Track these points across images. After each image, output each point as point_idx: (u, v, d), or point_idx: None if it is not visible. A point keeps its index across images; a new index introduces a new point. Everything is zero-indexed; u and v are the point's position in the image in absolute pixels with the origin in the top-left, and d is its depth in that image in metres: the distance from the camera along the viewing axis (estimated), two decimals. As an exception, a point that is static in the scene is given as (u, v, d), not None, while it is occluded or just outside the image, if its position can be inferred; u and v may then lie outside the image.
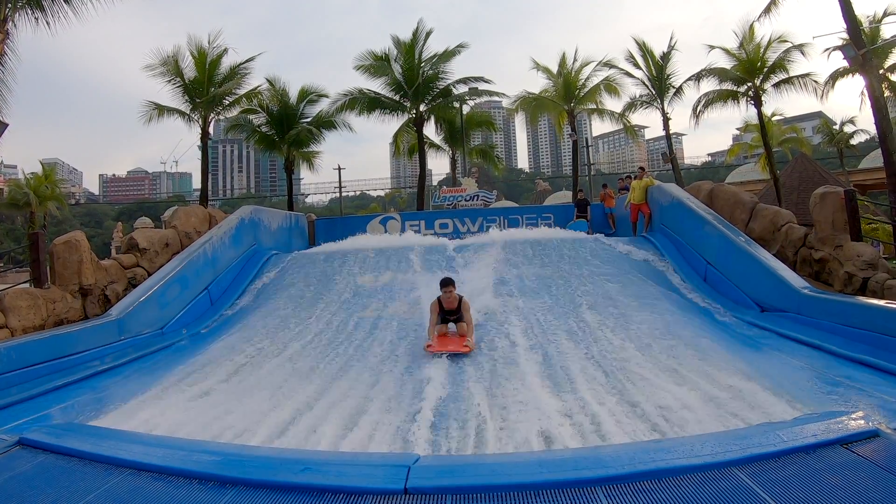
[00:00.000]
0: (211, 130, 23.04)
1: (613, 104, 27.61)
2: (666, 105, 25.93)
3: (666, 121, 26.12)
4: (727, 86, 24.23)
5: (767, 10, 16.61)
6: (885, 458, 2.85)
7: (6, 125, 11.02)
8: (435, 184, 66.66)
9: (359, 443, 4.57)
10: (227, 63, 22.64)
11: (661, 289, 10.14)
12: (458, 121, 27.25)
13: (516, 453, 4.14)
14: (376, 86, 25.51)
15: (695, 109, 25.04)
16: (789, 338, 7.11)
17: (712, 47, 24.27)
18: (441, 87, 25.61)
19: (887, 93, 23.66)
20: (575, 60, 27.13)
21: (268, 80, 24.17)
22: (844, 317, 6.97)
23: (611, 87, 26.61)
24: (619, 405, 5.14)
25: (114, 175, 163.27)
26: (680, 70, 25.87)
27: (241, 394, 5.99)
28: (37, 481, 3.12)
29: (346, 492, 2.77)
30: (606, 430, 4.59)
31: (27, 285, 8.97)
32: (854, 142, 41.25)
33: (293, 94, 24.71)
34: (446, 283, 7.71)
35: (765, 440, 3.08)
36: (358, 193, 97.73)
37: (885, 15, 24.53)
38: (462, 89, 25.89)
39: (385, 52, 25.24)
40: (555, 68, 27.66)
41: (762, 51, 22.80)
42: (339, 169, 46.38)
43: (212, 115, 22.75)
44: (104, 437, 3.98)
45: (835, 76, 26.02)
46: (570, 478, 2.83)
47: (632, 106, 27.03)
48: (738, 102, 24.12)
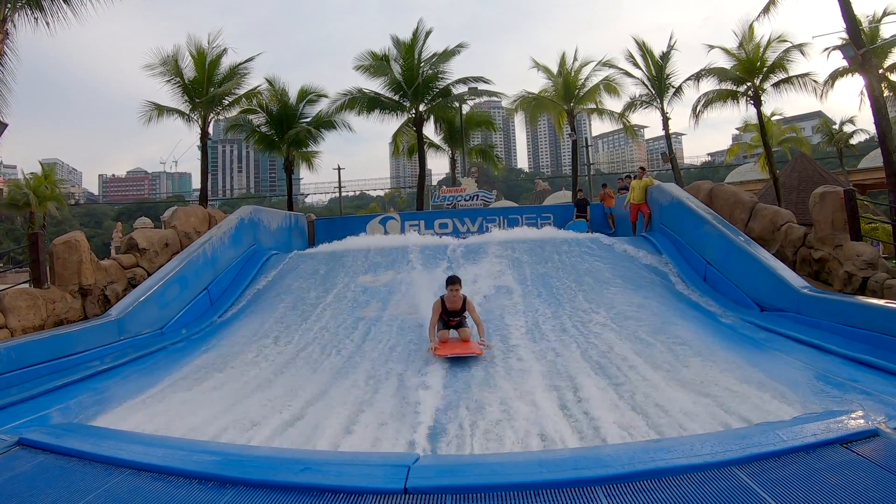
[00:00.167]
0: (210, 130, 23.03)
1: (613, 104, 27.65)
2: (665, 105, 25.94)
3: (665, 120, 26.12)
4: (727, 85, 24.23)
5: (766, 10, 16.63)
6: (885, 458, 2.85)
7: (6, 125, 11.02)
8: (434, 184, 66.72)
9: (358, 443, 4.56)
10: (226, 63, 22.68)
11: (661, 288, 10.14)
12: (457, 121, 27.23)
13: (516, 453, 4.14)
14: (376, 86, 25.57)
15: (694, 109, 25.06)
16: (789, 337, 7.10)
17: (712, 47, 24.30)
18: (440, 86, 25.61)
19: (887, 92, 23.65)
20: (575, 60, 27.16)
21: (267, 80, 24.20)
22: (844, 316, 6.97)
23: (610, 86, 26.59)
24: (618, 404, 5.13)
25: (113, 175, 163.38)
26: (679, 70, 25.90)
27: (242, 394, 5.99)
28: (36, 481, 3.12)
29: (346, 491, 2.77)
30: (605, 427, 4.60)
31: (27, 285, 8.96)
32: (853, 141, 41.26)
33: (293, 94, 24.75)
34: (452, 281, 7.38)
35: (764, 440, 3.08)
36: (357, 193, 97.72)
37: (885, 14, 24.56)
38: (461, 89, 25.93)
39: (385, 52, 25.26)
40: (554, 68, 27.66)
41: (762, 50, 22.80)
42: (339, 169, 46.31)
43: (211, 115, 22.74)
44: (104, 437, 3.98)
45: (834, 76, 26.02)
46: (569, 477, 2.83)
47: (631, 106, 27.03)
48: (738, 102, 24.14)
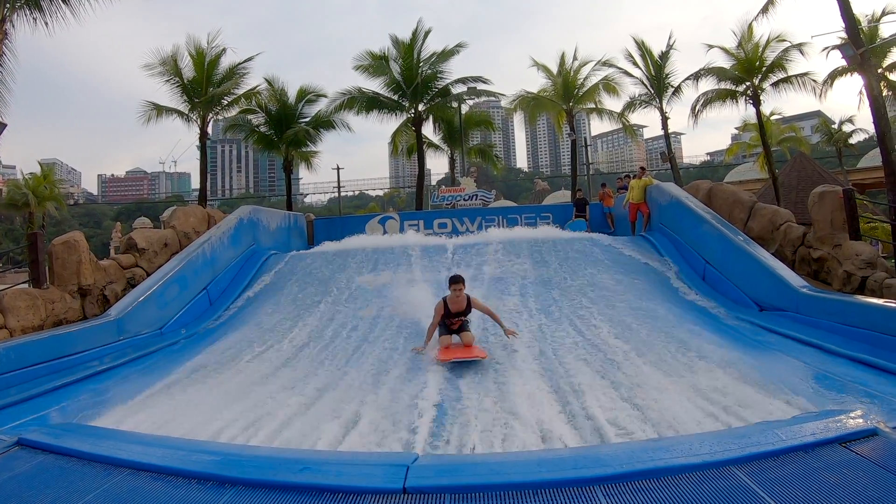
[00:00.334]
0: (210, 130, 22.99)
1: (612, 103, 27.62)
2: (665, 104, 25.89)
3: (665, 120, 26.09)
4: (726, 85, 24.22)
5: (765, 10, 16.60)
6: (884, 457, 2.85)
7: (5, 125, 11.02)
8: (434, 183, 66.70)
9: (357, 443, 4.56)
10: (225, 63, 22.63)
11: (660, 288, 10.15)
12: (456, 120, 27.22)
13: (515, 452, 4.14)
14: (375, 85, 25.60)
15: (693, 109, 25.04)
16: (788, 337, 7.11)
17: (711, 46, 24.27)
18: (440, 86, 25.63)
19: (886, 92, 23.67)
20: (574, 59, 27.13)
21: (266, 80, 24.16)
22: (843, 316, 6.98)
23: (609, 86, 26.56)
24: (617, 404, 5.13)
25: (112, 175, 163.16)
26: (679, 69, 25.83)
27: (241, 394, 5.98)
28: (36, 481, 3.12)
29: (345, 491, 2.77)
30: (603, 426, 4.60)
31: (26, 286, 8.96)
32: (853, 141, 41.32)
33: (292, 94, 24.74)
34: (455, 281, 7.09)
35: (763, 439, 3.08)
36: (357, 193, 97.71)
37: (884, 14, 24.57)
38: (461, 89, 25.94)
39: (384, 52, 25.26)
40: (554, 68, 27.64)
41: (761, 50, 22.78)
42: (338, 169, 46.29)
43: (210, 115, 22.70)
44: (103, 437, 3.98)
45: (833, 75, 26.01)
46: (568, 477, 2.83)
47: (631, 105, 26.99)
48: (737, 102, 24.11)
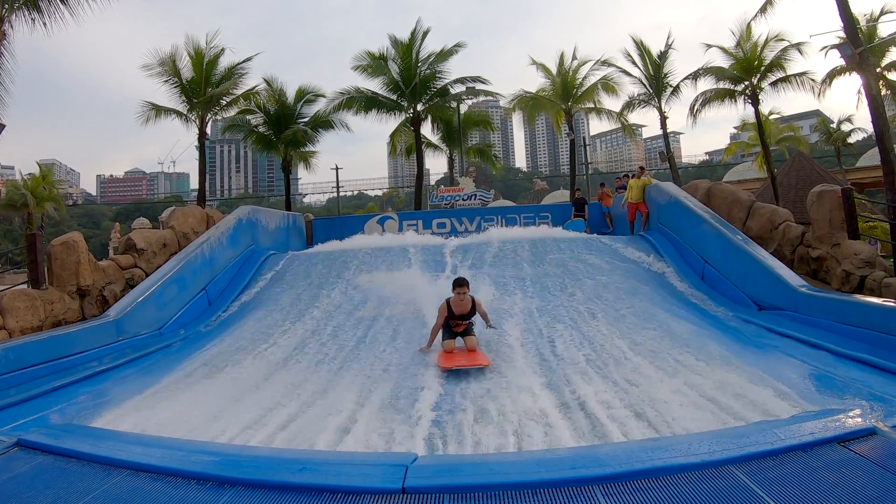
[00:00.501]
0: (208, 130, 22.97)
1: (611, 103, 27.59)
2: (663, 104, 25.86)
3: (663, 120, 26.04)
4: (724, 84, 24.21)
5: (763, 10, 16.58)
6: (883, 456, 2.86)
7: (3, 126, 11.01)
8: (433, 183, 66.67)
9: (356, 442, 4.56)
10: (224, 63, 22.56)
11: (659, 288, 10.15)
12: (455, 120, 27.22)
13: (514, 452, 4.14)
14: (374, 86, 25.56)
15: (692, 108, 25.03)
16: (787, 336, 7.12)
17: (709, 46, 24.25)
18: (438, 86, 25.61)
19: (884, 91, 23.69)
20: (574, 59, 27.11)
21: (265, 80, 24.08)
22: (842, 315, 6.99)
23: (608, 86, 26.52)
24: (615, 403, 5.14)
25: (111, 175, 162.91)
26: (677, 69, 25.79)
27: (240, 395, 5.99)
28: (35, 482, 3.12)
29: (345, 491, 2.78)
30: (602, 425, 4.61)
31: (25, 286, 8.95)
32: (851, 140, 41.30)
33: (290, 94, 24.66)
34: (460, 283, 6.99)
35: (762, 438, 3.09)
36: (355, 193, 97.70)
37: (882, 13, 24.59)
38: (459, 89, 25.89)
39: (382, 52, 25.26)
40: (553, 67, 27.63)
41: (759, 49, 22.79)
42: (337, 169, 46.24)
43: (209, 115, 22.64)
44: (102, 437, 3.98)
45: (832, 75, 26.01)
46: (567, 477, 2.83)
47: (629, 105, 26.94)
48: (736, 101, 24.10)
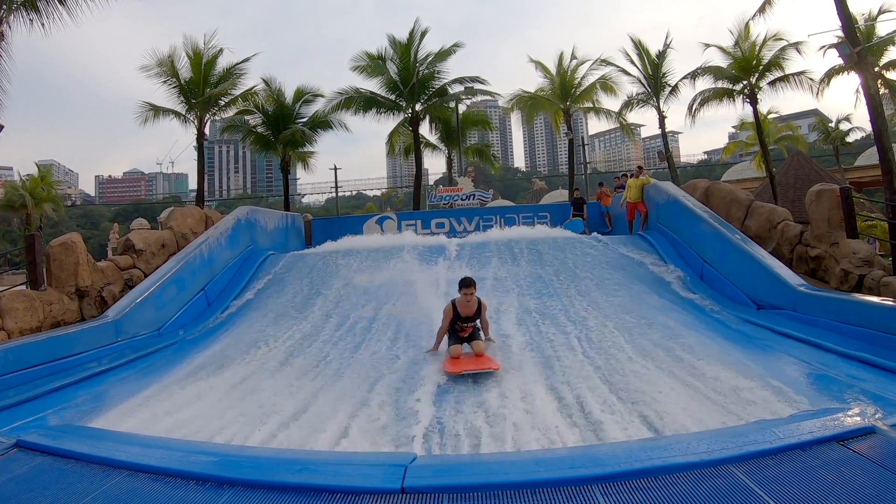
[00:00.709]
0: (207, 131, 22.96)
1: (610, 103, 27.64)
2: (662, 103, 25.88)
3: (662, 119, 26.08)
4: (723, 84, 24.23)
5: (762, 10, 16.58)
6: (881, 455, 2.86)
7: (1, 127, 11.00)
8: (431, 183, 66.68)
9: (356, 441, 4.56)
10: (222, 63, 22.54)
11: (658, 287, 10.15)
12: (453, 120, 27.23)
13: (513, 452, 4.14)
14: (372, 86, 25.58)
15: (690, 108, 25.06)
16: (785, 335, 7.12)
17: (708, 45, 24.30)
18: (437, 86, 25.63)
19: (882, 90, 23.76)
20: (574, 58, 27.14)
21: (263, 81, 24.06)
22: (840, 314, 7.00)
23: (607, 85, 26.55)
24: (615, 402, 5.13)
25: (110, 176, 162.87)
26: (676, 68, 25.84)
27: (239, 394, 5.99)
28: (34, 483, 3.12)
29: (344, 491, 2.78)
30: (602, 425, 4.60)
31: (24, 287, 8.94)
32: (850, 139, 41.43)
33: (289, 95, 24.64)
34: (466, 284, 6.68)
35: (761, 437, 3.09)
36: (354, 193, 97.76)
37: (881, 13, 24.67)
38: (458, 89, 25.92)
39: (381, 53, 25.28)
40: (551, 67, 27.66)
41: (757, 49, 22.81)
42: (336, 169, 46.25)
43: (207, 115, 22.62)
44: (101, 438, 3.98)
45: (830, 74, 26.07)
46: (566, 476, 2.84)
47: (628, 104, 26.97)
48: (734, 100, 24.12)
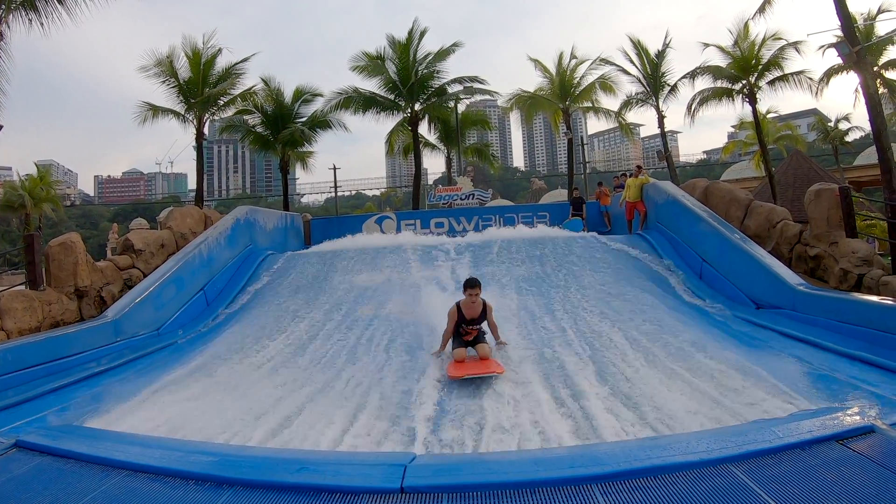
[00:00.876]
0: (206, 131, 22.95)
1: (609, 102, 27.66)
2: (661, 103, 25.88)
3: (661, 119, 26.08)
4: (722, 83, 24.24)
5: (762, 10, 16.57)
6: (881, 454, 2.86)
7: (0, 127, 10.98)
8: (430, 183, 66.67)
9: (356, 440, 4.57)
10: (221, 63, 22.55)
11: (657, 286, 10.16)
12: (453, 120, 27.22)
13: (513, 452, 4.14)
14: (371, 85, 25.57)
15: (690, 107, 25.08)
16: (785, 334, 7.12)
17: (707, 45, 24.31)
18: (436, 86, 25.62)
19: (882, 90, 23.78)
20: (573, 58, 27.15)
21: (262, 80, 24.06)
22: (840, 313, 7.00)
23: (606, 85, 26.55)
24: (615, 402, 5.14)
25: (109, 176, 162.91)
26: (675, 68, 25.94)
27: (239, 395, 5.98)
28: (34, 483, 3.12)
29: (343, 491, 2.78)
30: (602, 424, 4.61)
31: (23, 287, 8.94)
32: (849, 139, 41.47)
33: (288, 94, 24.64)
34: (472, 285, 6.51)
35: (760, 436, 3.09)
36: (353, 193, 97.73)
37: (880, 12, 24.69)
38: (457, 89, 25.95)
39: (380, 52, 25.26)
40: (551, 66, 27.66)
41: (757, 48, 22.83)
42: (335, 169, 46.28)
43: (206, 115, 22.63)
44: (101, 438, 3.98)
45: (829, 73, 26.11)
46: (566, 476, 2.84)
47: (627, 104, 26.97)
48: (733, 100, 24.14)
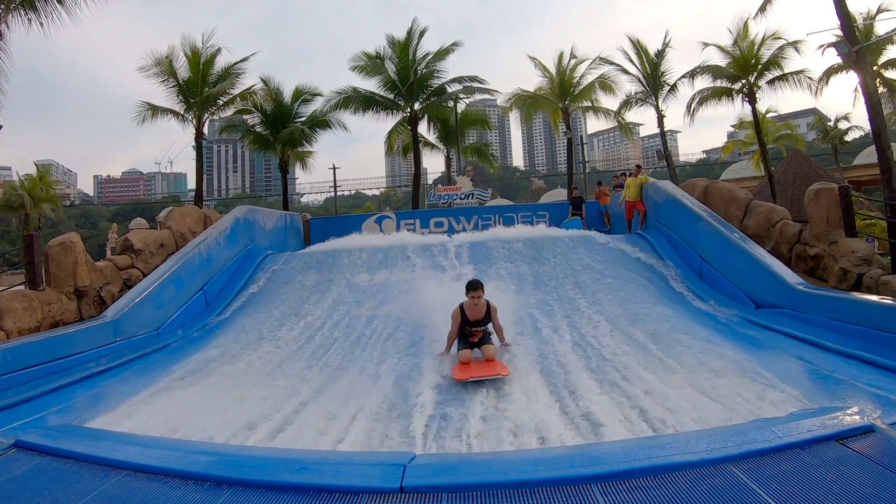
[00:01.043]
0: (205, 131, 22.96)
1: (608, 102, 27.66)
2: (661, 102, 25.89)
3: (661, 118, 26.09)
4: (721, 83, 24.26)
5: (763, 9, 16.53)
6: (880, 454, 2.86)
7: (0, 127, 10.97)
8: (430, 182, 66.70)
9: (356, 440, 4.57)
10: (220, 63, 22.58)
11: (656, 285, 10.16)
12: (452, 119, 27.22)
13: (512, 451, 4.14)
14: (371, 85, 25.57)
15: (689, 106, 25.09)
16: (784, 334, 7.13)
17: (706, 44, 24.32)
18: (435, 85, 25.62)
19: (881, 89, 23.78)
20: (573, 57, 27.15)
21: (262, 80, 24.08)
22: (839, 313, 7.01)
23: (606, 84, 26.57)
24: (614, 402, 5.14)
25: (108, 176, 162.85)
26: (674, 67, 25.95)
27: (238, 394, 5.98)
28: (33, 484, 3.11)
29: (343, 491, 2.77)
30: (601, 425, 4.61)
31: (22, 287, 8.93)
32: (848, 138, 41.46)
33: (287, 94, 24.66)
34: (474, 287, 6.43)
35: (760, 436, 3.09)
36: (353, 193, 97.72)
37: (879, 11, 24.68)
38: (456, 88, 25.93)
39: (379, 52, 25.25)
40: (551, 66, 27.66)
41: (756, 48, 22.84)
42: (334, 168, 46.25)
43: (206, 115, 22.65)
44: (100, 438, 3.98)
45: (829, 73, 26.11)
46: (566, 475, 2.83)
47: (627, 103, 26.98)
48: (733, 99, 24.16)
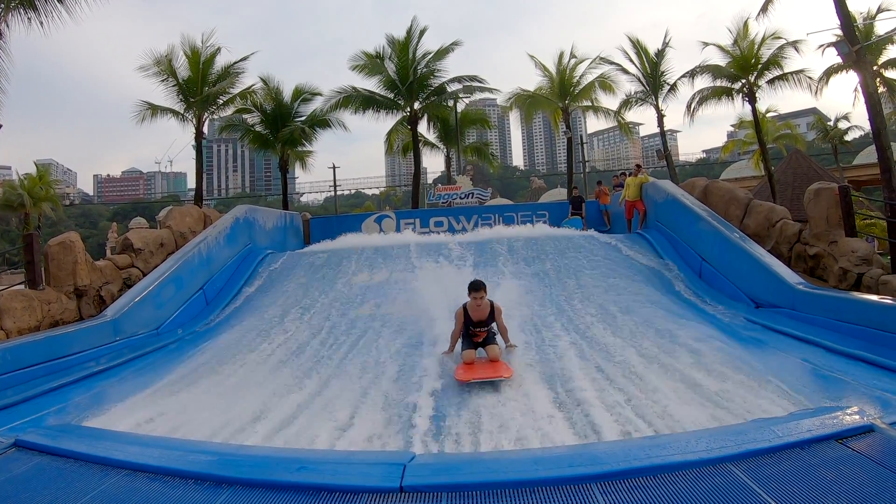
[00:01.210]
0: (205, 130, 22.96)
1: (608, 101, 27.66)
2: (660, 102, 25.89)
3: (660, 118, 26.10)
4: (721, 82, 24.25)
5: (764, 9, 16.51)
6: (880, 453, 2.86)
7: (0, 126, 10.98)
8: (430, 182, 66.71)
9: (355, 442, 4.56)
10: (220, 62, 22.56)
11: (656, 285, 10.16)
12: (452, 119, 27.22)
13: (512, 451, 4.14)
14: (371, 84, 25.56)
15: (689, 106, 25.09)
16: (784, 333, 7.12)
17: (706, 44, 24.32)
18: (435, 84, 25.60)
19: (881, 89, 23.77)
20: (573, 57, 27.15)
21: (262, 80, 24.05)
22: (839, 312, 7.01)
23: (606, 84, 26.57)
24: (614, 402, 5.13)
25: (108, 175, 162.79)
26: (674, 67, 25.95)
27: (238, 394, 5.98)
28: (33, 483, 3.11)
29: (342, 490, 2.77)
30: (601, 425, 4.61)
31: (22, 287, 8.94)
32: (848, 138, 41.44)
33: (287, 93, 24.63)
34: (476, 288, 6.26)
35: (759, 436, 3.09)
36: (353, 192, 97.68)
37: (879, 11, 24.67)
38: (456, 88, 25.93)
39: (379, 51, 25.23)
40: (550, 66, 27.66)
41: (756, 47, 22.84)
42: (334, 168, 46.26)
43: (206, 114, 22.64)
44: (100, 437, 3.98)
45: (829, 72, 26.11)
46: (565, 475, 2.83)
47: (626, 103, 26.99)
48: (733, 99, 24.16)
